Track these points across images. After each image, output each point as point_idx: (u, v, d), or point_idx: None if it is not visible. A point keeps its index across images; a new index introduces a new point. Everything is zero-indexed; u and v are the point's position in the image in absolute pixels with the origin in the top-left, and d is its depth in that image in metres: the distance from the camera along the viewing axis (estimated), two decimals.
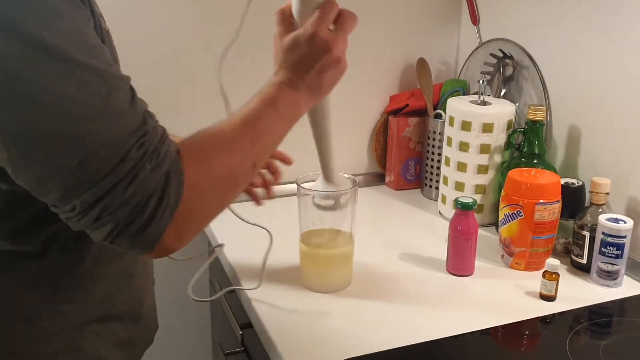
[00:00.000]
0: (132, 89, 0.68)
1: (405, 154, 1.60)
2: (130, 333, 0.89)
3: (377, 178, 1.66)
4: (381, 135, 1.63)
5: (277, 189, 1.13)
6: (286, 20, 0.86)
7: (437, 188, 1.49)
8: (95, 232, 0.66)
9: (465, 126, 1.32)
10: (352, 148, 1.63)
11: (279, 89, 0.82)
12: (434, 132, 1.52)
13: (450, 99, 1.40)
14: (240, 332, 1.14)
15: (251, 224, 1.15)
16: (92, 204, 0.64)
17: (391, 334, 0.97)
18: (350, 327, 0.99)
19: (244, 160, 0.77)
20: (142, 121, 0.66)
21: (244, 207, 1.11)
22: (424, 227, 1.39)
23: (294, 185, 1.07)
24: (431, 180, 1.54)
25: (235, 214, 1.11)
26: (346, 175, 1.07)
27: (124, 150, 0.63)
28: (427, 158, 1.55)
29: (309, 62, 0.83)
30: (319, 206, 1.03)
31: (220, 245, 1.22)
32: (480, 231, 1.29)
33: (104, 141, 0.62)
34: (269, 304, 1.05)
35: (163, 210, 0.66)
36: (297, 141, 0.96)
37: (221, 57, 0.91)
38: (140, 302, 0.91)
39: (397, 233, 1.34)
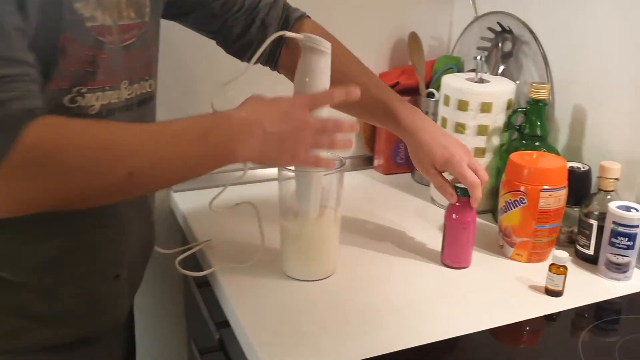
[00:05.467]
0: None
1: (395, 136, 1.49)
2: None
3: (365, 161, 1.56)
4: None
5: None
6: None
7: None
8: None
9: (462, 106, 1.22)
10: None
11: (226, 120, 0.78)
12: (427, 113, 1.42)
13: (445, 76, 1.30)
14: (218, 333, 1.05)
15: (235, 205, 1.09)
16: None
17: (381, 335, 0.87)
18: (335, 326, 0.89)
19: (115, 163, 0.72)
20: None
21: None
22: (416, 214, 1.29)
23: (269, 171, 0.99)
24: None
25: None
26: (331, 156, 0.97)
27: None
28: None
29: (283, 121, 0.80)
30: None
31: (208, 241, 1.14)
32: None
33: None
34: (247, 298, 0.95)
35: None
36: None
37: (224, 83, 0.91)
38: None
39: (386, 220, 1.24)
